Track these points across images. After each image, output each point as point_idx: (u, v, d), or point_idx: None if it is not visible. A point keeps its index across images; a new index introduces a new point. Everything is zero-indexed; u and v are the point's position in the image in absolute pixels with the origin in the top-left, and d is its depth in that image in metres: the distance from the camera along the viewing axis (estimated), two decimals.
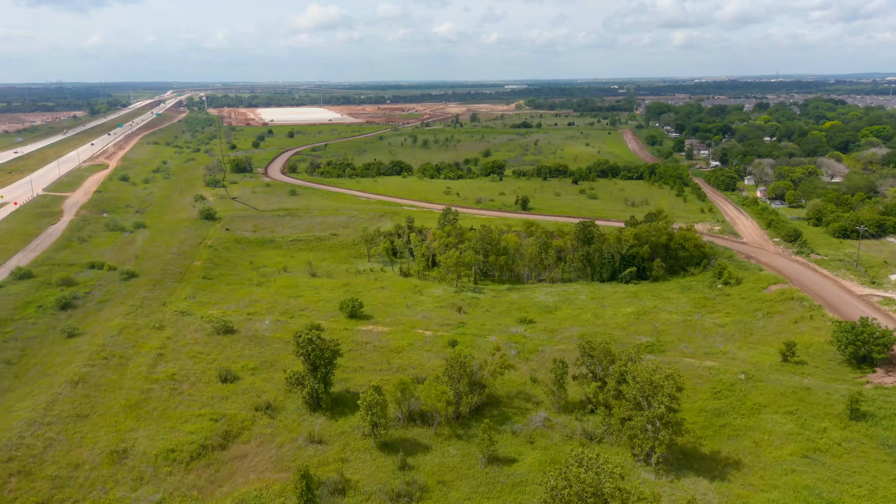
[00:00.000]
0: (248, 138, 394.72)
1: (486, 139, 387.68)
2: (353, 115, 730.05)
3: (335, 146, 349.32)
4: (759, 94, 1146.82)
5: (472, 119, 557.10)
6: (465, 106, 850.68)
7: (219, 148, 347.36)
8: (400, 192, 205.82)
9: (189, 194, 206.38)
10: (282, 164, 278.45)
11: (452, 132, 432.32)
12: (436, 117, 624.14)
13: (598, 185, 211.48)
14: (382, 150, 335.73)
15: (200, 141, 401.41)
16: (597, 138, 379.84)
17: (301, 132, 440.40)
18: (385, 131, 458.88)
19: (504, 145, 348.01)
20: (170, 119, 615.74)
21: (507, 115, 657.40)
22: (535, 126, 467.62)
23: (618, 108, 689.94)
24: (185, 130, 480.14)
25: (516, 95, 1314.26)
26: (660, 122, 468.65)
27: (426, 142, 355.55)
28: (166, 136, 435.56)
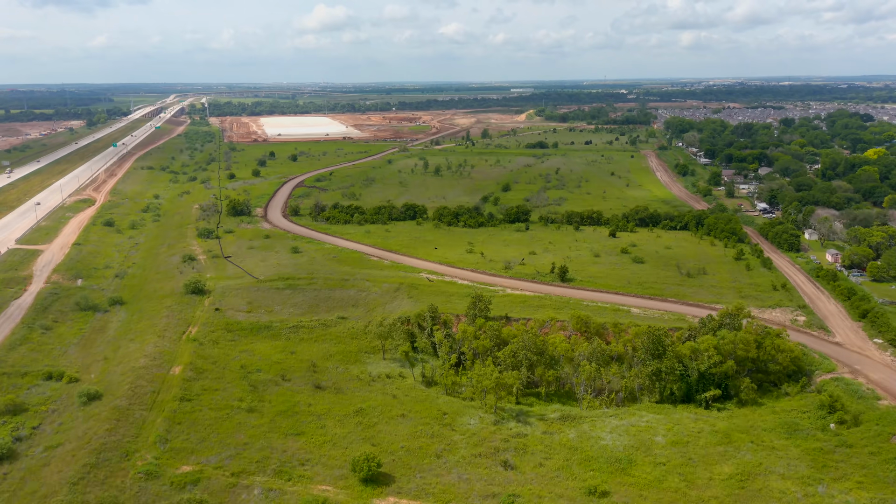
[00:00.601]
0: (248, 162, 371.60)
1: (501, 164, 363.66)
2: (358, 125, 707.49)
3: (341, 174, 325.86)
4: (774, 102, 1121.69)
5: (483, 135, 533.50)
6: (473, 116, 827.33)
7: (216, 176, 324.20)
8: (415, 248, 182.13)
9: (178, 249, 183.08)
10: (283, 200, 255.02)
11: (465, 154, 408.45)
12: (445, 131, 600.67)
13: (638, 238, 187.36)
14: (392, 180, 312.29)
15: (198, 164, 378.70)
16: (620, 164, 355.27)
17: (305, 153, 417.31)
18: (393, 151, 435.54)
19: (522, 173, 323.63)
20: (168, 133, 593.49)
21: (518, 128, 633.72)
22: (550, 146, 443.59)
23: (633, 121, 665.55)
24: (184, 149, 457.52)
25: (524, 102, 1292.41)
26: (683, 142, 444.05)
27: (438, 168, 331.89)
28: (162, 157, 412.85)
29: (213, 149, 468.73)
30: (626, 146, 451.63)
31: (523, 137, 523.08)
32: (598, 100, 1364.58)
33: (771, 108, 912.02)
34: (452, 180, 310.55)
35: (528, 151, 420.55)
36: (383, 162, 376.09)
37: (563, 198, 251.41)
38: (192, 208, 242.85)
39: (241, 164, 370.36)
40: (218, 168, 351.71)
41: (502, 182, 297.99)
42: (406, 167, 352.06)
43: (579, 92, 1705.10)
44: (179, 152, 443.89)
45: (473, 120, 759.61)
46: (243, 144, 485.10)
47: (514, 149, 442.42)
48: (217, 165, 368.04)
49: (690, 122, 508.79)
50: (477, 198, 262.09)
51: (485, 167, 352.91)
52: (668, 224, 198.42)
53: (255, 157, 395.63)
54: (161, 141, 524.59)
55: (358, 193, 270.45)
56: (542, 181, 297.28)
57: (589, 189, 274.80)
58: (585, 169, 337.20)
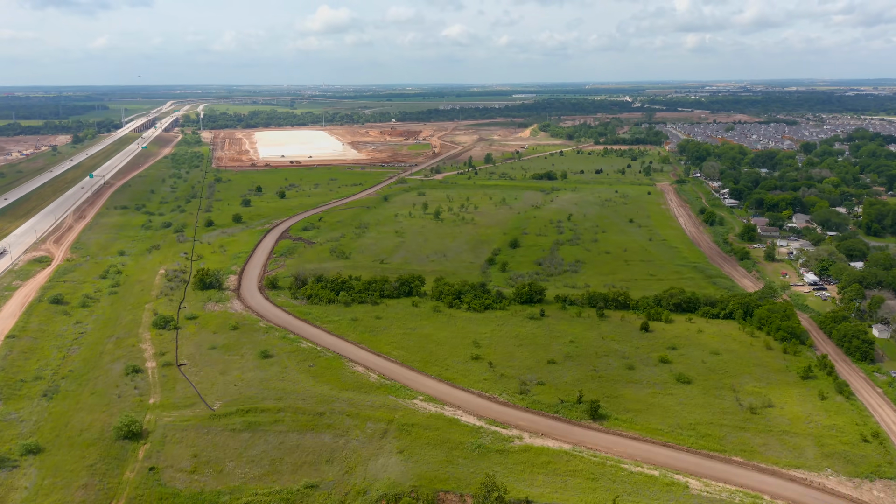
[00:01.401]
0: (232, 199, 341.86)
1: (506, 203, 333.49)
2: (355, 143, 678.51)
3: (331, 219, 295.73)
4: (784, 114, 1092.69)
5: (486, 160, 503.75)
6: (475, 132, 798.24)
7: (194, 220, 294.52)
8: (409, 349, 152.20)
9: (126, 347, 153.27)
10: (263, 262, 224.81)
11: (467, 188, 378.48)
12: (445, 153, 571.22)
13: (676, 334, 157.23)
14: (387, 226, 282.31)
15: (178, 200, 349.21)
16: (637, 204, 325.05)
17: (295, 185, 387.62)
18: (390, 182, 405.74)
19: (531, 218, 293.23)
20: (155, 155, 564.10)
21: (522, 148, 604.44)
22: (559, 176, 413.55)
23: (643, 141, 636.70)
24: (166, 178, 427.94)
25: (527, 112, 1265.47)
26: (701, 173, 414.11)
27: (438, 212, 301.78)
28: (142, 189, 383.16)
29: (199, 176, 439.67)
30: (639, 176, 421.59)
31: (529, 163, 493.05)
32: (602, 109, 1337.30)
33: (784, 122, 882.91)
34: (454, 227, 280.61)
35: (534, 184, 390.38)
36: (379, 199, 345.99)
37: (579, 261, 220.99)
38: (156, 274, 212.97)
39: (225, 202, 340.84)
40: (198, 209, 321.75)
41: (509, 231, 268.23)
42: (403, 208, 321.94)
43: (583, 99, 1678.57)
44: (161, 182, 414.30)
45: (475, 137, 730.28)
46: (231, 172, 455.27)
47: (520, 180, 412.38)
48: (198, 203, 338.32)
49: (707, 148, 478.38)
50: (482, 256, 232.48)
51: (489, 207, 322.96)
52: (710, 311, 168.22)
53: (240, 192, 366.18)
54: (145, 166, 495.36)
55: (348, 250, 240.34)
56: (553, 231, 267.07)
57: (607, 245, 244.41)
58: (599, 212, 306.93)
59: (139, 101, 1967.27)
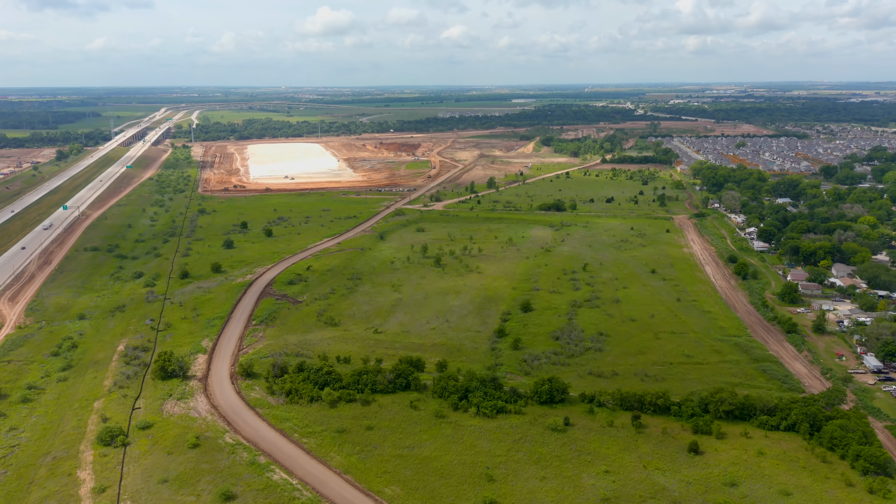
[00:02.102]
0: (214, 238, 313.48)
1: (513, 243, 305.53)
2: (351, 159, 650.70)
3: (321, 267, 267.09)
4: (792, 124, 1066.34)
5: (489, 184, 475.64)
6: (475, 147, 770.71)
7: (169, 269, 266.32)
8: (406, 482, 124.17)
9: (60, 475, 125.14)
10: (239, 334, 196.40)
11: (469, 222, 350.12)
12: (445, 173, 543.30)
13: (733, 461, 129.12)
14: (382, 277, 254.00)
15: (156, 239, 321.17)
16: (657, 246, 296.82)
17: (284, 219, 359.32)
18: (387, 213, 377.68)
19: (541, 265, 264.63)
20: (138, 177, 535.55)
21: (526, 168, 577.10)
22: (567, 206, 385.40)
23: (652, 160, 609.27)
24: (146, 208, 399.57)
25: (528, 120, 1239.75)
26: (721, 203, 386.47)
27: (439, 258, 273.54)
28: (117, 225, 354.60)
29: (184, 204, 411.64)
30: (653, 206, 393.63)
31: (534, 187, 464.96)
32: (604, 117, 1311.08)
33: (794, 136, 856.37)
34: (457, 278, 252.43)
35: (542, 217, 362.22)
36: (374, 238, 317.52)
37: (602, 334, 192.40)
38: (115, 351, 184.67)
39: (206, 241, 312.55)
40: (175, 252, 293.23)
41: (519, 285, 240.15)
42: (401, 250, 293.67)
43: (584, 107, 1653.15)
44: (141, 213, 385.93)
45: (476, 153, 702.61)
46: (217, 200, 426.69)
47: (526, 211, 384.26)
48: (177, 242, 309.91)
49: (723, 173, 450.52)
50: (489, 322, 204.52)
51: (494, 249, 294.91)
52: (768, 421, 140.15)
53: (224, 228, 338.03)
54: (127, 190, 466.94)
55: (337, 313, 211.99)
56: (568, 286, 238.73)
57: (631, 307, 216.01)
58: (617, 257, 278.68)
59: (133, 107, 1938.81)
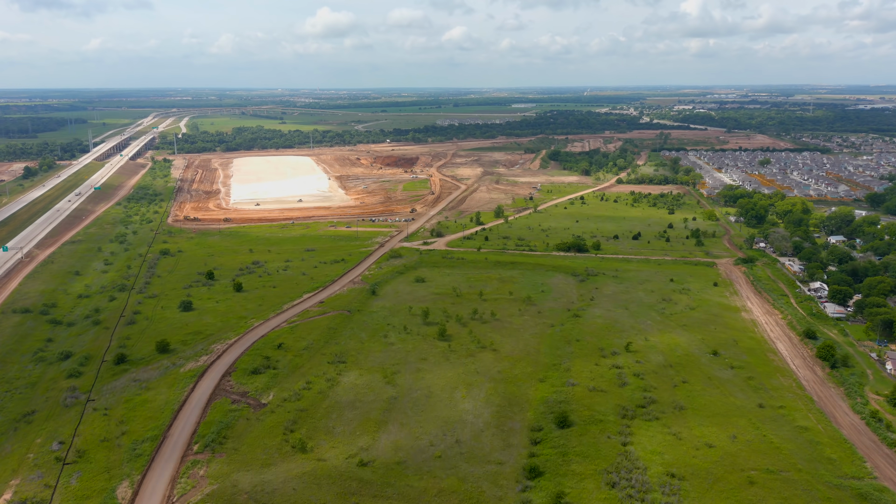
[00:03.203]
0: (169, 298, 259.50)
1: (532, 301, 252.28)
2: (344, 178, 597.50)
3: (297, 345, 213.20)
4: (809, 135, 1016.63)
5: (496, 213, 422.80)
6: (478, 163, 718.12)
7: (104, 350, 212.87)
8: None
9: None
10: (168, 480, 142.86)
11: (479, 276, 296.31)
12: (448, 199, 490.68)
13: None
14: (374, 356, 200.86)
15: (104, 293, 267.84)
16: (709, 310, 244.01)
17: (258, 264, 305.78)
18: (381, 256, 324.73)
19: (573, 345, 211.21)
20: (106, 200, 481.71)
21: (535, 192, 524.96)
22: (590, 246, 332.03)
23: (672, 181, 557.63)
24: (104, 245, 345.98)
25: (531, 129, 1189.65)
26: (767, 243, 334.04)
27: (444, 330, 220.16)
28: (64, 271, 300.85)
29: (148, 239, 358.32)
30: (688, 244, 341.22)
31: (548, 218, 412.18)
32: (609, 125, 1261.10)
33: (817, 151, 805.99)
34: (466, 359, 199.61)
35: (562, 262, 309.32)
36: (365, 293, 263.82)
37: (674, 476, 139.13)
38: None
39: (162, 298, 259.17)
40: (119, 317, 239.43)
41: (547, 376, 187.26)
42: (397, 313, 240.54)
43: (587, 113, 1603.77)
44: (95, 253, 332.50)
45: (479, 171, 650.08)
46: (185, 236, 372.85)
47: (542, 250, 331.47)
48: (125, 301, 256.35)
49: (763, 204, 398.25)
50: (514, 444, 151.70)
51: (510, 312, 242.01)
52: None
53: (186, 278, 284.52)
54: (87, 220, 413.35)
55: (310, 431, 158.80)
56: (611, 379, 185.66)
57: (702, 424, 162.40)
58: (663, 328, 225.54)
59: (122, 112, 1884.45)
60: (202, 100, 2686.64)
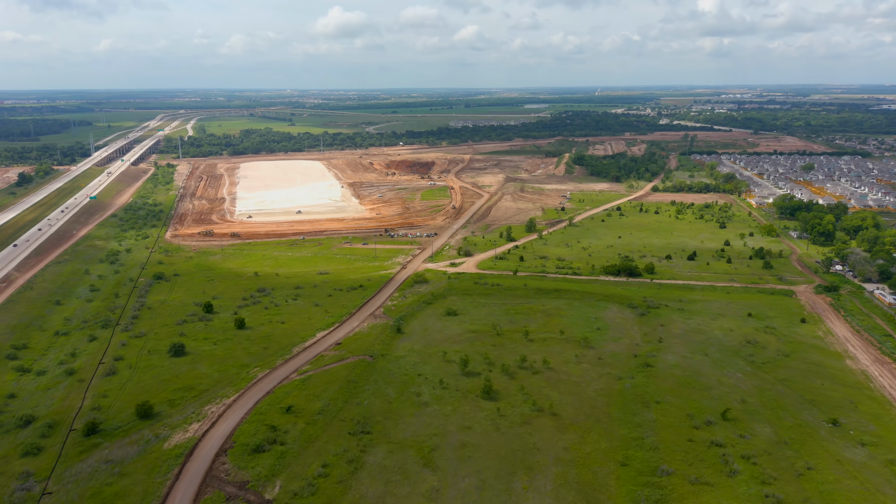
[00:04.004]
0: (159, 338, 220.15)
1: (589, 345, 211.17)
2: (357, 185, 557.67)
3: (310, 406, 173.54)
4: (841, 137, 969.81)
5: (528, 227, 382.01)
6: (498, 168, 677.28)
7: (78, 404, 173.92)
8: None
9: None
10: None
11: (520, 308, 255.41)
12: (470, 210, 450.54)
13: None
14: (405, 425, 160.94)
15: (85, 328, 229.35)
16: (802, 355, 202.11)
17: (267, 292, 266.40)
18: (404, 281, 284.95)
19: (652, 407, 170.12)
20: (101, 212, 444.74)
21: (565, 200, 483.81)
22: (643, 270, 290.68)
23: (713, 189, 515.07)
24: (92, 267, 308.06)
25: (549, 131, 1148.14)
26: (847, 266, 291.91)
27: (489, 384, 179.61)
28: (42, 300, 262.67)
29: (140, 261, 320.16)
30: (754, 266, 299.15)
31: (585, 231, 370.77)
32: (628, 127, 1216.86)
33: (857, 155, 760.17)
34: (519, 428, 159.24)
35: (614, 290, 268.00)
36: (389, 331, 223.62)
37: None
38: None
39: (150, 338, 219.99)
40: (97, 365, 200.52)
41: (631, 458, 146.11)
42: (429, 357, 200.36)
43: (603, 114, 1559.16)
44: (82, 276, 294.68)
45: (500, 177, 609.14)
46: (184, 255, 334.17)
47: (587, 274, 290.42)
48: (107, 342, 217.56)
49: (830, 218, 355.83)
50: None
51: (565, 356, 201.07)
52: None
53: (180, 311, 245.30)
54: (78, 235, 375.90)
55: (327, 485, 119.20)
56: (714, 462, 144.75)
57: None
58: (760, 384, 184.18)
59: (129, 113, 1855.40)
60: (211, 101, 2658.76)
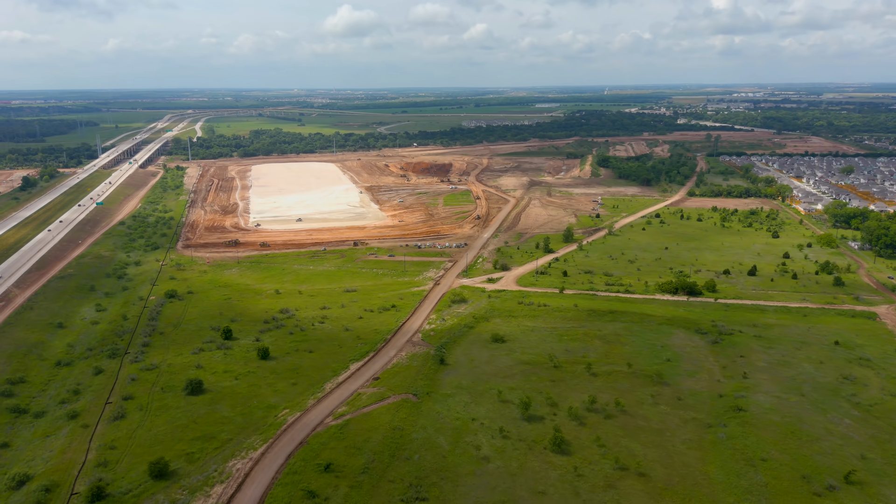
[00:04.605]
0: (172, 373, 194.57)
1: (662, 380, 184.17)
2: (374, 189, 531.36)
3: (350, 467, 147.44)
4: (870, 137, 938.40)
5: (565, 238, 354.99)
6: (520, 171, 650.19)
7: (82, 458, 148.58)
8: None
9: None
10: None
11: (574, 335, 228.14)
12: (498, 218, 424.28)
13: None
14: (466, 487, 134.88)
15: (90, 358, 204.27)
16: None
17: (290, 313, 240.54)
18: (439, 295, 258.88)
19: (758, 465, 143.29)
20: (108, 219, 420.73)
21: (598, 206, 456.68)
22: (703, 287, 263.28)
23: (753, 193, 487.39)
24: (98, 283, 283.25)
25: (565, 131, 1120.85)
26: None
27: (559, 436, 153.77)
28: (43, 322, 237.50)
29: (150, 280, 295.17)
30: (824, 284, 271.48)
31: (627, 241, 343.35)
32: (645, 126, 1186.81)
33: (894, 156, 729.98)
34: (606, 497, 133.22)
35: (675, 311, 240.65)
36: (430, 365, 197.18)
37: None
38: None
39: (163, 371, 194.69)
40: (104, 406, 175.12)
41: None
42: (479, 398, 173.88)
43: (617, 114, 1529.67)
44: (88, 293, 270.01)
45: (524, 179, 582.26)
46: (197, 270, 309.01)
47: (641, 292, 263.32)
48: (114, 376, 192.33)
49: (886, 224, 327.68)
50: None
51: (639, 395, 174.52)
52: None
53: (196, 337, 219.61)
54: (83, 246, 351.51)
55: None
56: None
57: None
58: (875, 434, 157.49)
59: (137, 113, 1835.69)
60: (218, 101, 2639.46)
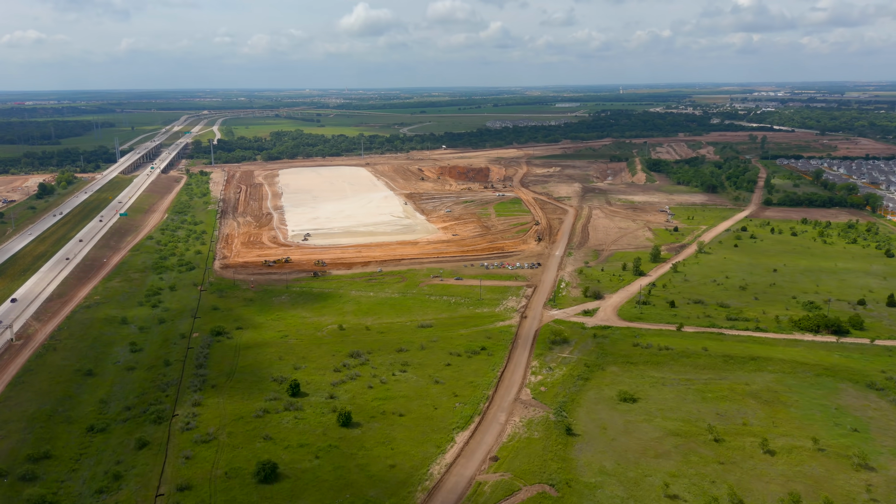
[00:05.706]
0: (233, 440, 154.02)
1: (865, 462, 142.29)
2: (415, 197, 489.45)
3: None
4: None
5: (652, 257, 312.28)
6: (568, 177, 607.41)
7: None
8: None
9: None
10: None
11: (713, 391, 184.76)
12: (562, 231, 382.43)
13: None
14: None
15: (127, 418, 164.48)
16: None
17: (363, 358, 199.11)
18: (532, 331, 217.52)
19: None
20: (134, 233, 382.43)
21: (669, 216, 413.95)
22: (845, 323, 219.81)
23: (817, 202, 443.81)
24: (129, 314, 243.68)
25: (596, 132, 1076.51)
26: None
27: None
28: (67, 374, 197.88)
29: (190, 303, 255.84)
30: None
31: (723, 261, 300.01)
32: (679, 127, 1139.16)
33: None
34: None
35: (829, 358, 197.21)
36: (556, 436, 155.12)
37: None
38: None
39: (223, 436, 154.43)
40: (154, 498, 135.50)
41: None
42: (642, 496, 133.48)
43: (644, 113, 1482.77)
44: (119, 326, 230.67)
45: (577, 187, 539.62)
46: (241, 297, 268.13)
47: (773, 330, 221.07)
48: (163, 454, 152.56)
49: None
50: None
51: (843, 500, 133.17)
52: None
53: (256, 392, 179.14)
54: (109, 265, 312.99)
55: None
56: None
57: None
58: None
59: (152, 114, 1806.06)
60: (232, 101, 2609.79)
